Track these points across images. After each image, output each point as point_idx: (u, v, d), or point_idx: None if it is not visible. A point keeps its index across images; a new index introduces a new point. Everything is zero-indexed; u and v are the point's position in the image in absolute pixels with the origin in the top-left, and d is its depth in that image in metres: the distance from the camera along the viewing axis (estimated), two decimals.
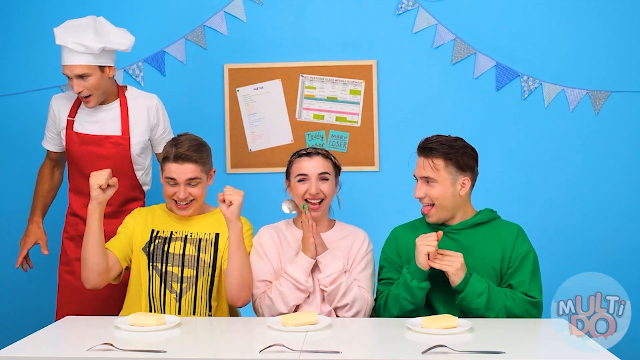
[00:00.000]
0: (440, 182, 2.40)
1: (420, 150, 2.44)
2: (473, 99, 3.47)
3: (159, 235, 2.55)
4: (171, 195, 2.51)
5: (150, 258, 2.52)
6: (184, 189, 2.48)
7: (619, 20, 3.41)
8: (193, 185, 2.50)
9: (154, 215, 2.62)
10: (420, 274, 2.34)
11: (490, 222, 2.47)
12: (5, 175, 3.62)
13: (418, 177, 2.45)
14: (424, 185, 2.42)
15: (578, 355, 1.91)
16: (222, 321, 2.36)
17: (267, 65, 3.50)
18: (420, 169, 2.43)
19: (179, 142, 2.51)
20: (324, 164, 2.53)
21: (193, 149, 2.49)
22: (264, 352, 1.93)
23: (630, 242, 3.44)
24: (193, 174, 2.49)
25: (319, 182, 2.50)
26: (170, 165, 2.48)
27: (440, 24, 3.44)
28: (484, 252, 2.41)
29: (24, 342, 2.10)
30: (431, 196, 2.41)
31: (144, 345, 2.05)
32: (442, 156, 2.40)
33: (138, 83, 3.52)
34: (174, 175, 2.48)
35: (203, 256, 2.52)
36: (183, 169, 2.47)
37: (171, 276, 2.50)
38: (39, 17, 3.55)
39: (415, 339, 2.07)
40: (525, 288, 2.36)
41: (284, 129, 3.52)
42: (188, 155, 2.47)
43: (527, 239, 2.46)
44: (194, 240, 2.54)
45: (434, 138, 2.44)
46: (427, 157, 2.41)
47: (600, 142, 3.44)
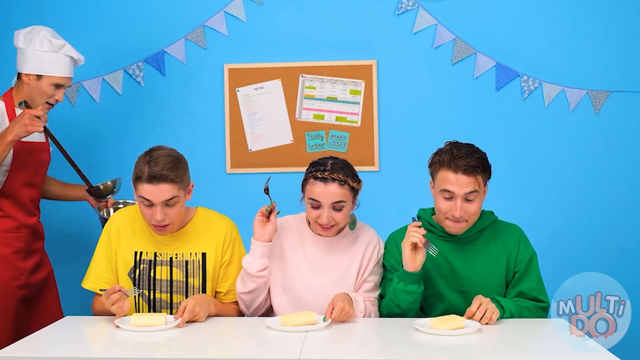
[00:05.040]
0: (480, 197, 2.35)
1: (462, 169, 2.30)
2: (473, 99, 3.47)
3: (143, 259, 2.44)
4: (148, 218, 2.36)
5: (136, 284, 2.44)
6: (160, 211, 2.31)
7: (619, 20, 3.41)
8: (170, 205, 2.33)
9: (135, 225, 2.49)
10: (407, 276, 2.31)
11: (492, 226, 2.47)
12: None
13: (458, 196, 2.32)
14: (464, 203, 2.32)
15: (578, 355, 1.91)
16: (222, 321, 2.36)
17: (267, 65, 3.50)
18: (464, 187, 2.31)
19: (152, 158, 2.32)
20: (339, 193, 2.37)
21: (168, 167, 2.31)
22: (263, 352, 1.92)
23: (630, 242, 3.44)
24: (169, 194, 2.31)
25: (332, 212, 2.39)
26: (144, 186, 2.30)
27: (440, 24, 3.44)
28: (489, 259, 2.41)
29: (24, 342, 2.10)
30: (470, 213, 2.34)
31: (145, 345, 2.05)
32: (483, 171, 2.34)
33: (138, 83, 3.52)
34: (149, 197, 2.31)
35: (191, 281, 2.45)
36: (159, 190, 2.29)
37: (160, 303, 2.45)
38: (39, 17, 3.54)
39: (424, 340, 2.08)
40: (536, 293, 2.40)
41: (284, 129, 3.52)
42: (163, 175, 2.29)
43: (528, 240, 2.47)
44: (181, 264, 2.44)
45: (466, 152, 2.33)
46: (471, 175, 2.31)
47: (600, 142, 3.44)
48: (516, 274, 2.42)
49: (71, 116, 3.56)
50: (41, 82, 2.79)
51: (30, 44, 2.78)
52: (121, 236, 2.48)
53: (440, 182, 2.35)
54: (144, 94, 3.54)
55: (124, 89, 3.53)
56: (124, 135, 3.54)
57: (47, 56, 2.78)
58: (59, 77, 2.80)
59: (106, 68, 3.53)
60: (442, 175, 2.34)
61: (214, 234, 2.49)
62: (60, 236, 3.57)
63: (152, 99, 3.53)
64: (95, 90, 3.53)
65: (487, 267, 2.41)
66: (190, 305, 2.26)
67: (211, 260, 2.47)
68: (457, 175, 2.31)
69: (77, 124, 3.56)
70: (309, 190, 2.41)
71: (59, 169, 3.13)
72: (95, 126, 3.56)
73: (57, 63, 2.80)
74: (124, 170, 3.51)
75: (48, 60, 2.79)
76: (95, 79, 3.53)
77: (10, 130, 2.63)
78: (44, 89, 2.80)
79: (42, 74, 2.78)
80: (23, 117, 2.63)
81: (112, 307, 2.26)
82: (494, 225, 2.48)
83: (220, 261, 2.49)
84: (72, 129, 3.56)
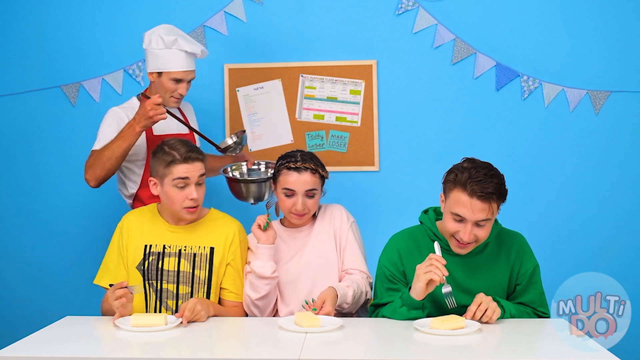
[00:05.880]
0: (491, 222, 2.25)
1: (477, 195, 2.18)
2: (473, 99, 3.47)
3: (152, 251, 2.49)
4: (181, 200, 2.45)
5: (145, 276, 2.48)
6: (196, 189, 2.45)
7: (619, 20, 3.41)
8: (200, 184, 2.48)
9: (144, 223, 2.55)
10: (412, 302, 2.25)
11: (496, 237, 2.39)
12: (4, 175, 3.62)
13: (470, 221, 2.21)
14: (474, 228, 2.23)
15: (578, 355, 1.91)
16: (222, 321, 2.36)
17: (267, 65, 3.50)
18: (477, 213, 2.19)
19: (175, 144, 2.48)
20: (312, 181, 2.50)
21: (193, 148, 2.48)
22: (264, 352, 1.92)
23: (630, 242, 3.44)
24: (202, 170, 2.48)
25: (306, 199, 2.50)
26: (179, 167, 2.43)
27: (440, 24, 3.44)
28: (492, 272, 2.36)
29: (24, 342, 2.10)
30: (480, 237, 2.25)
31: (145, 345, 2.05)
32: (499, 197, 2.22)
33: (138, 83, 3.52)
34: (187, 174, 2.44)
35: (198, 273, 2.48)
36: (194, 167, 2.45)
37: (166, 293, 2.48)
38: (39, 17, 3.55)
39: (424, 340, 2.08)
40: (537, 305, 2.37)
41: (284, 129, 3.52)
42: (194, 154, 2.46)
43: (531, 251, 2.42)
44: (189, 255, 2.49)
45: (484, 175, 2.20)
46: (486, 202, 2.18)
47: (600, 142, 3.44)
48: (518, 286, 2.38)
49: (71, 116, 3.56)
50: (162, 78, 2.89)
51: (150, 43, 2.89)
52: (132, 232, 2.53)
53: (452, 203, 2.23)
54: None
55: (124, 89, 3.53)
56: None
57: (162, 53, 2.87)
58: (175, 72, 2.88)
59: (106, 68, 3.53)
60: (456, 196, 2.22)
61: (224, 232, 2.53)
62: (60, 236, 3.58)
63: None
64: (95, 90, 3.54)
65: (489, 280, 2.36)
66: (191, 304, 2.28)
67: (218, 255, 2.51)
68: (472, 199, 2.18)
69: (77, 124, 3.56)
70: (283, 180, 2.51)
71: None
72: (95, 126, 3.55)
73: (171, 59, 2.88)
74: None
75: (163, 57, 2.88)
76: (95, 79, 3.54)
77: (137, 121, 2.75)
78: (165, 85, 2.89)
79: (160, 70, 2.88)
80: (145, 107, 2.73)
81: (114, 302, 2.28)
82: (498, 236, 2.40)
83: (227, 258, 2.52)
84: (72, 129, 3.56)
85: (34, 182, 3.60)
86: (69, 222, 3.57)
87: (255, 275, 2.47)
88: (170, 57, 2.88)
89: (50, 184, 3.58)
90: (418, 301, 2.23)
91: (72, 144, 3.56)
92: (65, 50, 3.55)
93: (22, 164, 3.60)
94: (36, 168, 3.60)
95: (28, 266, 3.60)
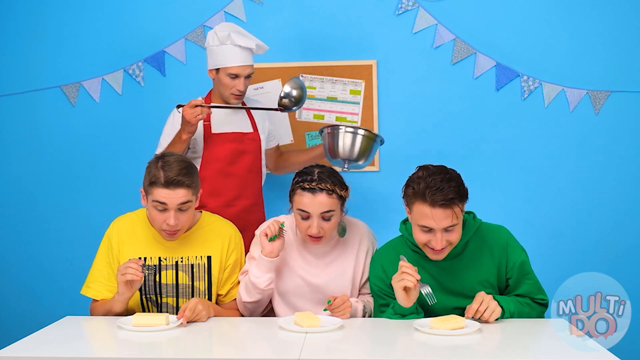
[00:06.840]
0: (460, 223, 2.25)
1: (439, 204, 2.17)
2: (473, 99, 3.47)
3: (148, 264, 2.43)
4: (160, 223, 2.35)
5: (142, 290, 2.45)
6: (174, 216, 2.32)
7: (619, 20, 3.41)
8: (183, 210, 2.35)
9: (136, 233, 2.48)
10: (403, 310, 2.28)
11: (476, 234, 2.37)
12: (4, 175, 3.62)
13: (437, 229, 2.21)
14: (444, 234, 2.22)
15: (578, 355, 1.91)
16: (222, 321, 2.36)
17: (267, 65, 3.50)
18: (441, 220, 2.19)
19: (166, 164, 2.33)
20: (329, 202, 2.37)
21: (183, 172, 2.32)
22: (264, 352, 1.92)
23: (630, 242, 3.44)
24: (185, 198, 2.33)
25: (322, 222, 2.38)
26: (159, 190, 2.31)
27: (440, 24, 3.44)
28: (478, 271, 2.35)
29: (24, 342, 2.10)
30: (452, 240, 2.25)
31: (145, 345, 2.05)
32: (461, 200, 2.22)
33: (138, 83, 3.52)
34: (165, 201, 2.31)
35: (197, 284, 2.45)
36: (175, 194, 2.31)
37: (166, 307, 2.46)
38: (39, 17, 3.55)
39: (424, 340, 2.08)
40: (534, 294, 2.37)
41: (284, 129, 3.51)
42: (179, 180, 2.30)
43: (516, 241, 2.40)
44: (186, 267, 2.45)
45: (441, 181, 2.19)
46: (448, 208, 2.18)
47: (600, 142, 3.44)
48: (510, 280, 2.37)
49: (71, 116, 3.56)
50: (220, 75, 2.92)
51: (208, 41, 2.93)
52: (123, 243, 2.47)
53: (417, 216, 2.24)
54: (144, 94, 3.54)
55: (124, 89, 3.53)
56: (124, 136, 3.54)
57: (217, 50, 2.90)
58: (230, 67, 2.89)
59: (106, 68, 3.53)
60: (418, 209, 2.22)
61: (219, 238, 2.50)
62: (60, 236, 3.58)
63: (152, 99, 3.52)
64: (95, 90, 3.53)
65: (476, 279, 2.34)
66: (192, 304, 2.27)
67: (216, 264, 2.48)
68: (433, 209, 2.18)
69: (77, 124, 3.56)
70: (297, 201, 2.40)
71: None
72: (95, 126, 3.56)
73: (226, 54, 2.90)
74: (124, 171, 3.52)
75: (219, 54, 2.91)
76: (95, 79, 3.53)
77: (183, 130, 2.80)
78: (223, 81, 2.92)
79: (217, 67, 2.92)
80: (186, 113, 2.76)
81: (121, 277, 2.27)
82: (478, 232, 2.38)
83: (225, 264, 2.50)
84: (72, 129, 3.56)
85: (34, 182, 3.60)
86: (69, 222, 3.57)
87: (250, 281, 2.44)
88: (224, 53, 2.89)
89: (51, 184, 3.58)
90: (408, 308, 2.27)
91: (72, 144, 3.56)
92: (65, 50, 3.55)
93: (22, 164, 3.60)
94: (36, 168, 3.60)
95: (28, 266, 3.60)
